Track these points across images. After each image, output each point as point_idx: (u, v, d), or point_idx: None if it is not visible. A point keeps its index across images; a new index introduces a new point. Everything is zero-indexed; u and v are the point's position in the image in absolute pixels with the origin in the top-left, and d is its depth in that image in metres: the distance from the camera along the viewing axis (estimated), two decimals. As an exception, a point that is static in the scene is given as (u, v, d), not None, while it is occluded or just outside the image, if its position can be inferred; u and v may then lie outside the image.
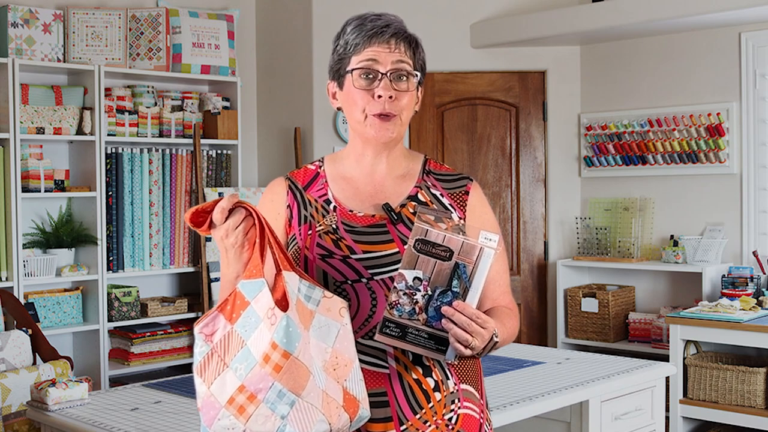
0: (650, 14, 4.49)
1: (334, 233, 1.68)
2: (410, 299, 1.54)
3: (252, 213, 1.52)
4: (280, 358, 1.45)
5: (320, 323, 1.53)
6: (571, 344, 5.05)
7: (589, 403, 2.87)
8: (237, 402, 1.45)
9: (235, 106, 4.97)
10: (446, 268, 1.54)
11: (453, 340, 1.52)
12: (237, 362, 1.47)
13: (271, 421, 1.44)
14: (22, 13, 4.27)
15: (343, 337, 1.55)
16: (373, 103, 1.67)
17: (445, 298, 1.54)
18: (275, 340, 1.45)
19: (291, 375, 1.45)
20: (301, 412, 1.45)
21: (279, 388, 1.44)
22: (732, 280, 4.43)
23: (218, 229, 1.51)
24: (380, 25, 1.69)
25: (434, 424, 1.64)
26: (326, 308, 1.55)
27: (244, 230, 1.51)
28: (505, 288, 1.77)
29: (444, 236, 1.55)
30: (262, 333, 1.46)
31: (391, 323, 1.54)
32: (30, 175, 4.24)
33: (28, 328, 3.76)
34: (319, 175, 1.78)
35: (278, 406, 1.44)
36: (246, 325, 1.48)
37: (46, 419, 2.63)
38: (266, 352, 1.45)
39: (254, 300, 1.49)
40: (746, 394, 4.09)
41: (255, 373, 1.45)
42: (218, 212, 1.49)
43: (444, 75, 5.16)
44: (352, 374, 1.53)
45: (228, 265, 1.55)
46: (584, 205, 5.26)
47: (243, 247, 1.53)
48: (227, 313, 1.50)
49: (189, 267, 4.80)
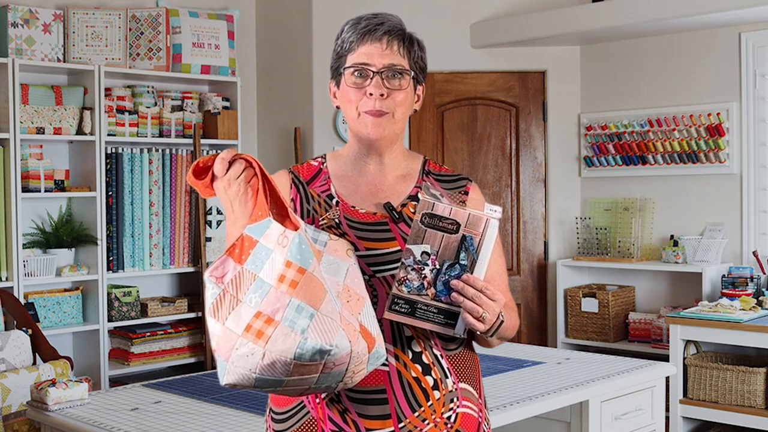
0: (650, 14, 4.49)
1: (337, 228, 1.68)
2: (418, 274, 1.54)
3: (252, 163, 1.53)
4: (295, 273, 1.44)
5: (329, 261, 1.53)
6: (571, 344, 5.05)
7: (589, 403, 2.87)
8: (254, 328, 1.42)
9: (235, 106, 4.97)
10: (453, 242, 1.54)
11: (464, 313, 1.53)
12: (250, 293, 1.45)
13: (292, 338, 1.40)
14: (22, 13, 4.27)
15: (353, 275, 1.55)
16: (365, 101, 1.68)
17: (453, 271, 1.54)
18: (289, 258, 1.44)
19: (307, 289, 1.43)
20: (322, 323, 1.41)
21: (297, 303, 1.42)
22: (732, 280, 4.43)
23: (220, 180, 1.52)
24: (374, 23, 1.69)
25: (433, 423, 1.64)
26: (333, 249, 1.56)
27: (246, 179, 1.53)
28: (504, 287, 1.77)
29: (450, 209, 1.55)
30: (275, 259, 1.46)
31: (400, 300, 1.54)
32: (30, 175, 4.24)
33: (28, 328, 3.77)
34: (321, 171, 1.78)
35: (297, 321, 1.40)
36: (256, 261, 1.48)
37: (46, 419, 2.63)
38: (281, 273, 1.44)
39: (263, 237, 1.48)
40: (746, 394, 4.09)
41: (270, 296, 1.43)
42: (219, 163, 1.51)
43: (444, 75, 5.16)
44: (366, 310, 1.52)
45: (234, 220, 1.54)
46: (584, 205, 5.26)
47: (246, 195, 1.53)
48: (236, 256, 1.50)
49: (189, 267, 4.80)
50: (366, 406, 1.61)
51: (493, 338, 1.65)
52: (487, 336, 1.62)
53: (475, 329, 1.55)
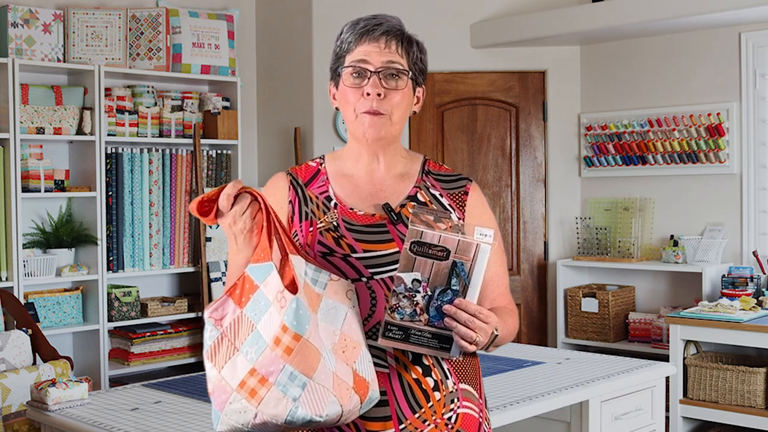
0: (650, 14, 4.49)
1: (335, 231, 1.68)
2: (410, 301, 1.54)
3: (257, 198, 1.52)
4: (290, 340, 1.45)
5: (328, 306, 1.54)
6: (571, 344, 5.05)
7: (589, 403, 2.87)
8: (248, 385, 1.45)
9: (235, 106, 4.97)
10: (444, 268, 1.54)
11: (457, 338, 1.53)
12: (247, 346, 1.47)
13: (283, 404, 1.44)
14: (22, 13, 4.27)
15: (351, 320, 1.56)
16: (362, 101, 1.68)
17: (445, 297, 1.54)
18: (285, 323, 1.45)
19: (302, 357, 1.45)
20: (313, 393, 1.45)
21: (290, 371, 1.44)
22: (732, 280, 4.43)
23: (225, 216, 1.51)
24: (372, 24, 1.69)
25: (433, 423, 1.64)
26: (333, 291, 1.56)
27: (251, 215, 1.52)
28: (504, 289, 1.77)
29: (439, 236, 1.55)
30: (272, 316, 1.47)
31: (393, 326, 1.55)
32: (30, 175, 4.24)
33: (28, 328, 3.77)
34: (320, 172, 1.78)
35: (290, 388, 1.44)
36: (255, 308, 1.49)
37: (46, 419, 2.63)
38: (277, 335, 1.46)
39: (263, 283, 1.49)
40: (746, 394, 4.09)
41: (266, 356, 1.45)
42: (224, 199, 1.50)
43: (444, 75, 5.16)
44: (361, 356, 1.54)
45: (237, 251, 1.55)
46: (584, 205, 5.26)
47: (252, 231, 1.53)
48: (236, 297, 1.51)
49: (189, 267, 4.80)
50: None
51: (489, 348, 1.65)
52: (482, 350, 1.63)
53: (469, 352, 1.57)
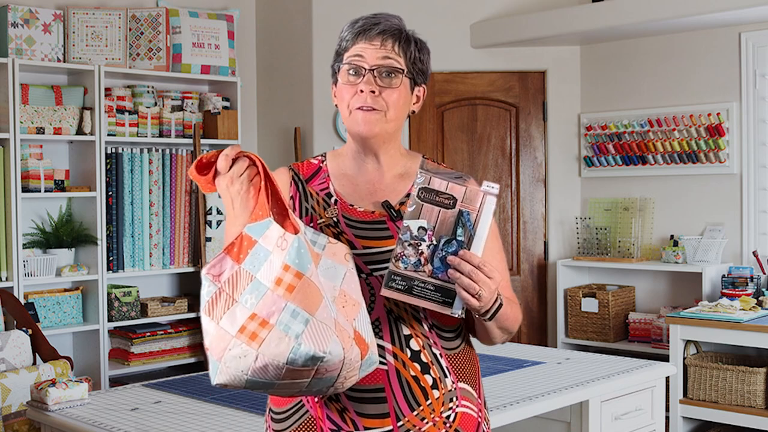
0: (650, 14, 4.49)
1: (335, 227, 1.68)
2: (415, 250, 1.53)
3: (255, 161, 1.53)
4: (293, 278, 1.44)
5: (327, 265, 1.53)
6: (571, 344, 5.05)
7: (589, 403, 2.87)
8: (248, 329, 1.42)
9: (235, 106, 4.97)
10: (450, 217, 1.54)
11: (460, 290, 1.52)
12: (246, 294, 1.45)
13: (285, 342, 1.40)
14: (22, 13, 4.27)
15: (350, 280, 1.55)
16: (357, 98, 1.68)
17: (450, 247, 1.53)
18: (287, 262, 1.44)
19: (304, 294, 1.43)
20: (316, 329, 1.42)
21: (293, 308, 1.42)
22: (732, 280, 4.43)
23: (223, 177, 1.52)
24: (370, 22, 1.70)
25: (432, 422, 1.64)
26: (332, 252, 1.56)
27: (249, 177, 1.52)
28: (506, 283, 1.77)
29: (447, 184, 1.55)
30: (273, 262, 1.46)
31: (396, 276, 1.53)
32: (30, 175, 4.24)
33: (28, 328, 3.77)
34: (321, 170, 1.79)
35: (292, 325, 1.41)
36: (254, 261, 1.48)
37: (46, 419, 2.63)
38: (278, 276, 1.44)
39: (262, 237, 1.48)
40: (746, 394, 4.09)
41: (266, 299, 1.43)
42: (222, 160, 1.51)
43: (444, 75, 5.16)
44: (360, 315, 1.53)
45: (234, 218, 1.54)
46: (584, 205, 5.26)
47: (249, 193, 1.53)
48: (234, 254, 1.50)
49: (189, 267, 4.80)
50: (364, 405, 1.61)
51: (493, 325, 1.63)
52: (485, 319, 1.60)
53: (472, 307, 1.54)
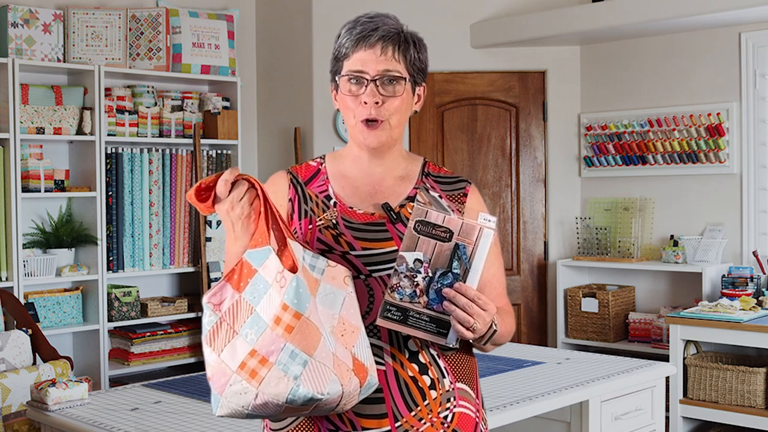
0: (650, 14, 4.49)
1: (334, 228, 1.69)
2: (411, 281, 1.54)
3: (254, 185, 1.53)
4: (291, 318, 1.45)
5: (326, 291, 1.54)
6: (571, 344, 5.05)
7: (589, 403, 2.87)
8: (249, 366, 1.45)
9: (235, 106, 4.97)
10: (446, 250, 1.54)
11: (455, 323, 1.53)
12: (246, 328, 1.47)
13: (284, 383, 1.43)
14: (22, 13, 4.27)
15: (349, 305, 1.56)
16: (360, 109, 1.69)
17: (445, 279, 1.54)
18: (286, 302, 1.45)
19: (303, 335, 1.45)
20: (314, 371, 1.44)
21: (291, 349, 1.44)
22: (732, 280, 4.43)
23: (223, 202, 1.52)
24: (369, 28, 1.69)
25: (429, 422, 1.64)
26: (331, 276, 1.56)
27: (249, 201, 1.53)
28: (501, 290, 1.77)
29: (444, 217, 1.55)
30: (272, 297, 1.47)
31: (392, 307, 1.55)
32: (30, 175, 4.24)
33: (28, 328, 3.77)
34: (320, 172, 1.79)
35: (291, 366, 1.43)
36: (254, 292, 1.49)
37: (46, 419, 2.63)
38: (277, 315, 1.45)
39: (261, 267, 1.49)
40: (746, 394, 4.09)
41: (266, 337, 1.45)
42: (222, 185, 1.50)
43: (444, 75, 5.16)
44: (360, 341, 1.54)
45: (235, 239, 1.55)
46: (584, 205, 5.26)
47: (249, 218, 1.53)
48: (234, 282, 1.51)
49: (189, 267, 4.80)
50: (362, 405, 1.61)
51: (487, 345, 1.65)
52: (479, 344, 1.63)
53: (466, 338, 1.56)
